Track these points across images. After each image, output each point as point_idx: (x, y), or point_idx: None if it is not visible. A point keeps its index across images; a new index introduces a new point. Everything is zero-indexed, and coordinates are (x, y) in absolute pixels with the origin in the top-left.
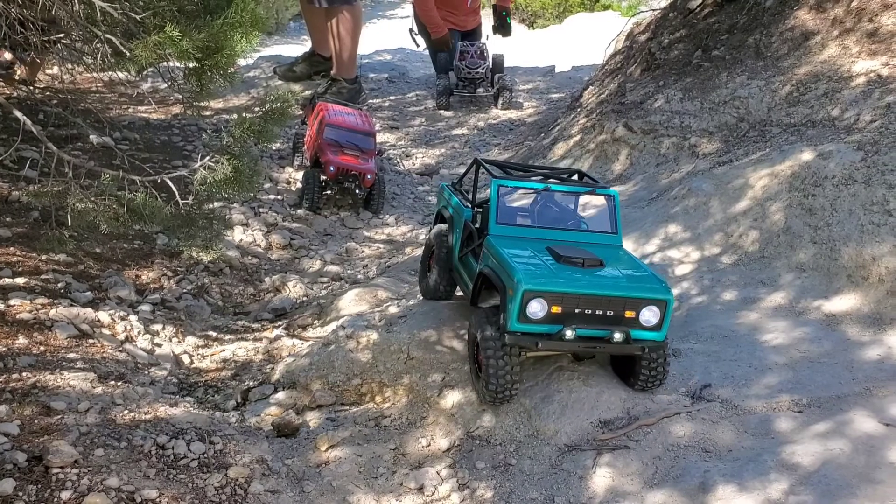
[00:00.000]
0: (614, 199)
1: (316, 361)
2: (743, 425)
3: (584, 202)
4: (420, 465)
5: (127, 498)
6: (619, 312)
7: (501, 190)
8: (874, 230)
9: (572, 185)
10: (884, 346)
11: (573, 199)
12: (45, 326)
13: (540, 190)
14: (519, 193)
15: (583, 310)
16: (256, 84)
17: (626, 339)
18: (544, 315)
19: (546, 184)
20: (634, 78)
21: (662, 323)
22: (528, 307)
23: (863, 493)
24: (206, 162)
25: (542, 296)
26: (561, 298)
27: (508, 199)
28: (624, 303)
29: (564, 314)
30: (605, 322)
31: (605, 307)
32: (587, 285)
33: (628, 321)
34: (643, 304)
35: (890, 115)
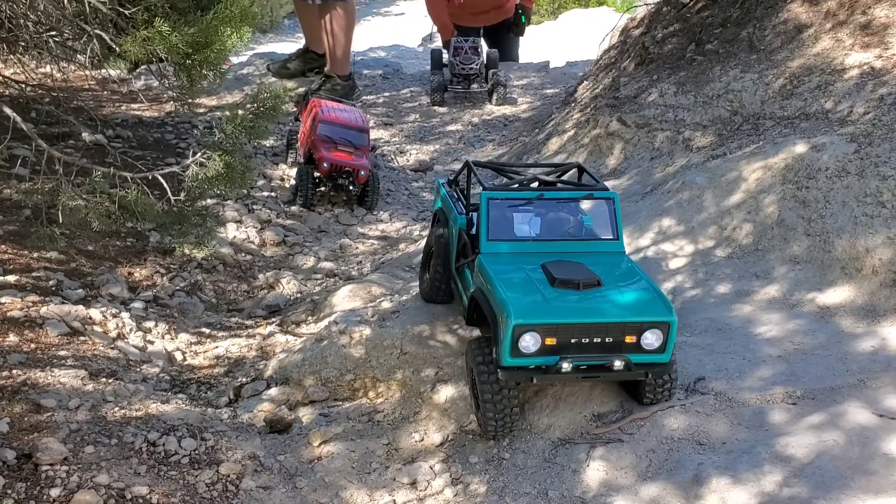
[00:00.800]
0: (614, 202)
1: (309, 357)
2: (737, 418)
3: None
4: (413, 460)
5: (117, 495)
6: (618, 338)
7: (492, 203)
8: (868, 222)
9: (569, 190)
10: (878, 337)
11: (571, 203)
12: (36, 324)
13: (533, 199)
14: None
15: (580, 339)
16: (250, 81)
17: (627, 366)
18: (538, 348)
19: (540, 191)
20: (628, 72)
21: (666, 345)
22: (521, 342)
23: (857, 484)
24: (197, 158)
25: (535, 329)
26: (555, 329)
27: (500, 210)
28: (623, 328)
29: (560, 345)
30: (605, 349)
31: (603, 334)
32: (583, 313)
33: (629, 346)
34: (644, 327)
35: (883, 107)
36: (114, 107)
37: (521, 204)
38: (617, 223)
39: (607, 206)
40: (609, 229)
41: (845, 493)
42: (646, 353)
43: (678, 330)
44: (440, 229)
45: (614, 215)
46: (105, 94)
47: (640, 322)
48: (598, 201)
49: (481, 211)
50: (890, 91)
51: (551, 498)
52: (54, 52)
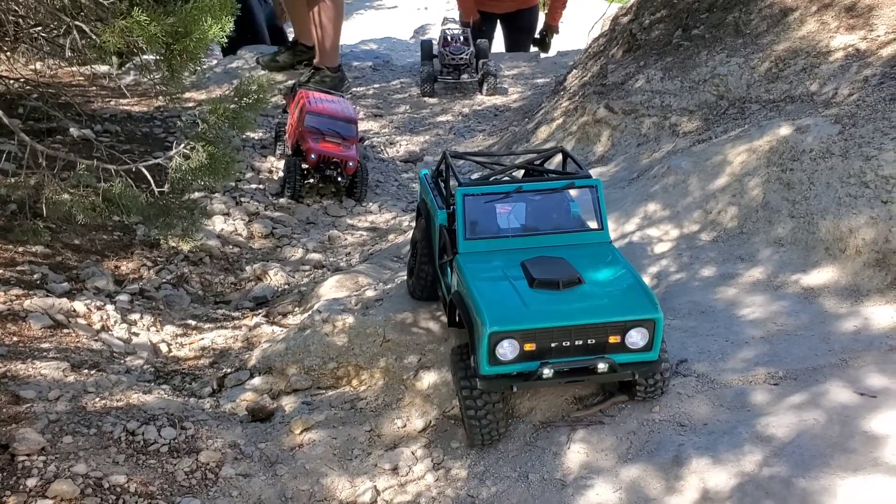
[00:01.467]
0: (597, 190)
1: (292, 346)
2: (718, 399)
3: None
4: (395, 446)
5: (94, 484)
6: (601, 339)
7: (467, 200)
8: (851, 202)
9: (549, 180)
10: (860, 317)
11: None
12: (19, 317)
13: (511, 192)
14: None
15: (560, 342)
16: (239, 75)
17: (612, 368)
18: (517, 355)
19: (518, 183)
20: (616, 59)
21: (653, 343)
22: (498, 349)
23: (836, 462)
24: (181, 149)
25: (512, 335)
26: (534, 335)
27: (477, 206)
28: (606, 329)
29: (540, 350)
30: (587, 351)
31: (584, 336)
32: (563, 315)
33: (613, 347)
34: (628, 326)
35: (867, 89)
36: (102, 102)
37: (500, 197)
38: (601, 212)
39: (591, 194)
40: (593, 219)
41: (824, 472)
42: (631, 352)
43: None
44: (423, 224)
45: (598, 203)
46: (93, 90)
47: (624, 321)
48: (581, 189)
49: (457, 208)
50: (874, 72)
51: (532, 481)
52: (42, 47)
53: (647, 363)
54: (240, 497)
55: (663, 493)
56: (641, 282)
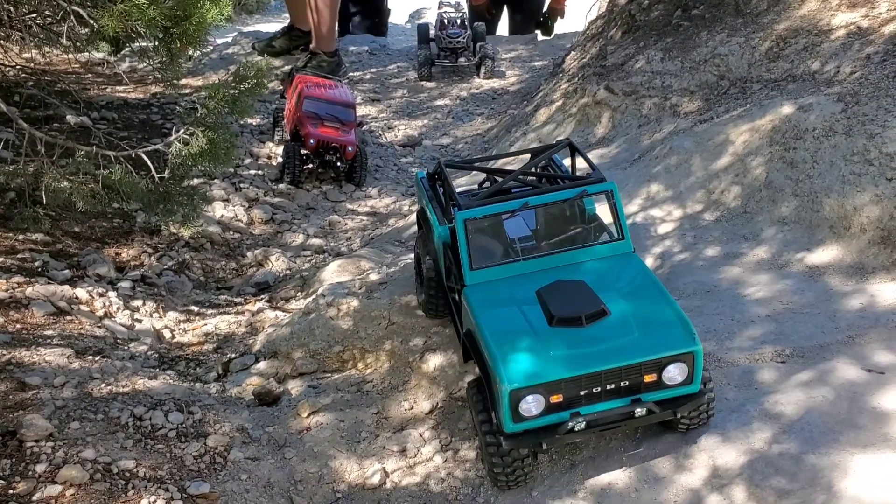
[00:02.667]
0: (613, 194)
1: (297, 330)
2: (726, 377)
3: None
4: (402, 428)
5: (103, 469)
6: (636, 380)
7: (469, 224)
8: (855, 180)
9: (556, 190)
10: (866, 294)
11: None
12: (22, 305)
13: (518, 210)
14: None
15: (590, 389)
16: (236, 60)
17: (650, 411)
18: (542, 409)
19: (524, 199)
20: (615, 40)
21: (693, 375)
22: (521, 406)
23: (845, 438)
24: (180, 135)
25: (536, 390)
26: (560, 386)
27: (480, 229)
28: (640, 368)
29: (568, 400)
30: (622, 394)
31: (617, 379)
32: (590, 360)
33: (649, 385)
34: (664, 363)
35: (870, 66)
36: (98, 89)
37: (506, 216)
38: (620, 218)
39: (606, 200)
40: (612, 226)
41: (834, 448)
42: (670, 388)
43: None
44: (424, 237)
45: (615, 209)
46: (90, 77)
47: (659, 358)
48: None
49: (459, 236)
50: (877, 50)
51: (540, 460)
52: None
53: (689, 397)
54: (249, 480)
55: (673, 471)
56: (673, 304)
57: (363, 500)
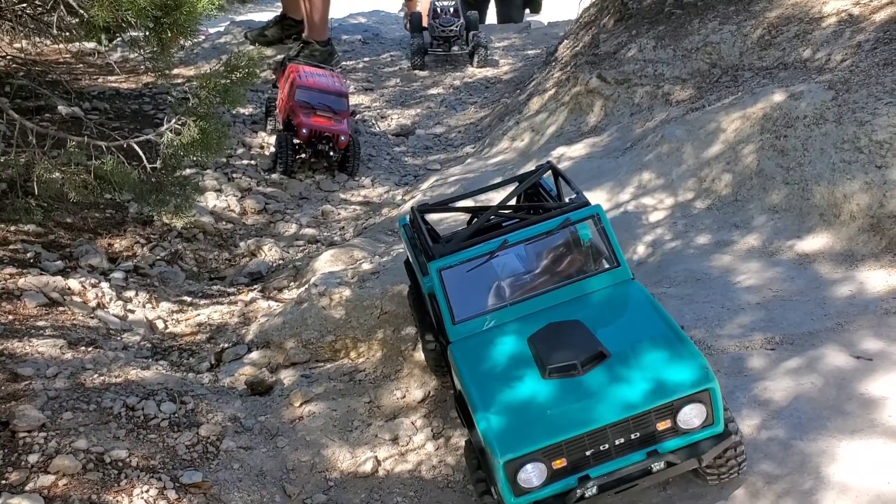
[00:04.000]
0: (600, 218)
1: (289, 320)
2: (716, 365)
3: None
4: (394, 417)
5: (96, 459)
6: (648, 430)
7: (446, 275)
8: (845, 168)
9: (537, 221)
10: (855, 282)
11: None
12: (14, 296)
13: (496, 251)
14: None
15: (597, 447)
16: (228, 50)
17: (670, 463)
18: (545, 478)
19: (502, 237)
20: (608, 29)
21: (714, 415)
22: (520, 477)
23: (833, 424)
24: (172, 125)
25: (534, 457)
26: (561, 449)
27: (460, 278)
28: (651, 416)
29: (573, 463)
30: (635, 447)
31: (626, 432)
32: (592, 414)
33: (666, 434)
34: (678, 405)
35: (861, 54)
36: (90, 79)
37: (485, 258)
38: (612, 243)
39: (594, 225)
40: (605, 251)
41: (822, 434)
42: (690, 433)
43: (658, 282)
44: (415, 297)
45: (605, 234)
46: (81, 67)
47: (671, 402)
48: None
49: (436, 289)
50: (867, 37)
51: None
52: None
53: (714, 439)
54: (241, 469)
55: None
56: (681, 336)
57: (356, 488)
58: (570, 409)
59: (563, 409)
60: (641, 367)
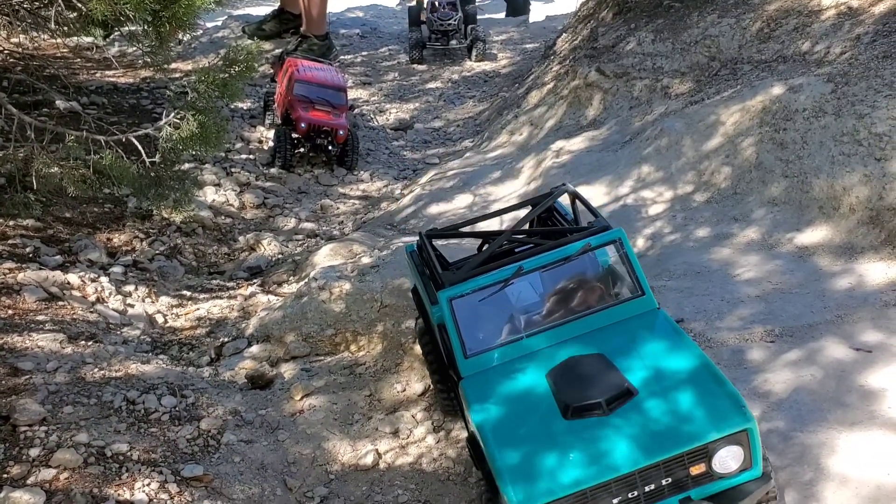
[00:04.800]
0: (623, 244)
1: (289, 314)
2: (716, 357)
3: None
4: (395, 410)
5: (97, 452)
6: (681, 475)
7: (457, 305)
8: (845, 161)
9: (555, 246)
10: (855, 274)
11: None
12: (13, 290)
13: (510, 278)
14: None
15: (625, 494)
16: (225, 44)
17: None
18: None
19: (517, 263)
20: (606, 22)
21: (752, 457)
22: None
23: (833, 416)
24: (171, 119)
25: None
26: (584, 497)
27: (472, 309)
28: (683, 459)
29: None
30: (666, 494)
31: (657, 478)
32: (619, 459)
33: (700, 479)
34: (713, 448)
35: (860, 47)
36: (88, 74)
37: (499, 287)
38: (635, 270)
39: (615, 250)
40: (628, 281)
41: (822, 426)
42: (726, 478)
43: (658, 275)
44: (424, 331)
45: (629, 260)
46: (78, 62)
47: (705, 444)
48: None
49: (446, 320)
50: (866, 30)
51: None
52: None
53: (752, 483)
54: (242, 462)
55: None
56: (713, 370)
57: (357, 481)
58: (594, 454)
59: (587, 453)
60: (672, 406)
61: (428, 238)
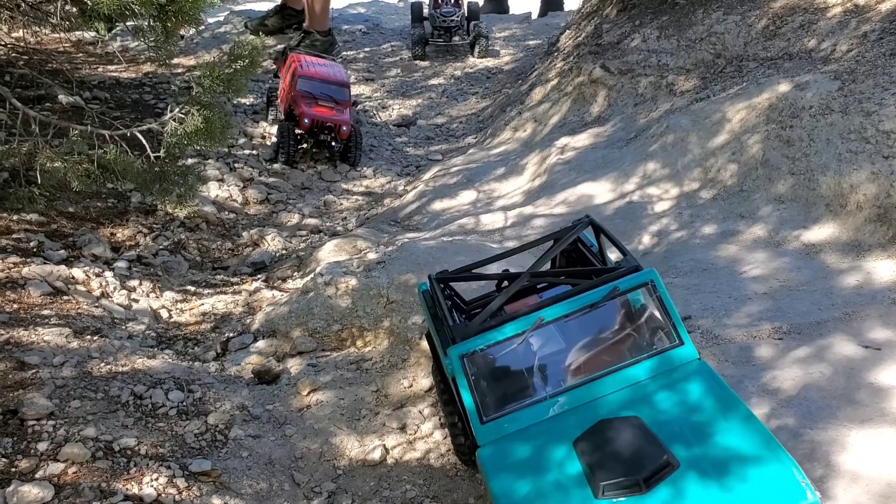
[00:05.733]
0: (655, 285)
1: (295, 309)
2: (723, 354)
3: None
4: (402, 406)
5: (105, 447)
6: None
7: (469, 363)
8: (852, 158)
9: (579, 292)
10: (863, 271)
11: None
12: (18, 285)
13: (529, 331)
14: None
15: None
16: (228, 40)
17: None
18: None
19: (537, 313)
20: (611, 19)
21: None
22: None
23: (843, 413)
24: (175, 114)
25: None
26: None
27: (487, 365)
28: None
29: None
30: None
31: None
32: None
33: None
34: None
35: (867, 44)
36: (90, 68)
37: (519, 341)
38: (671, 316)
39: (649, 294)
40: (663, 329)
41: (832, 423)
42: None
43: (664, 272)
44: (442, 377)
45: (663, 305)
46: (81, 56)
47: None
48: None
49: (459, 380)
50: (873, 28)
51: None
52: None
53: None
54: (250, 457)
55: None
56: (766, 434)
57: (364, 476)
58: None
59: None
60: (721, 481)
61: (438, 282)
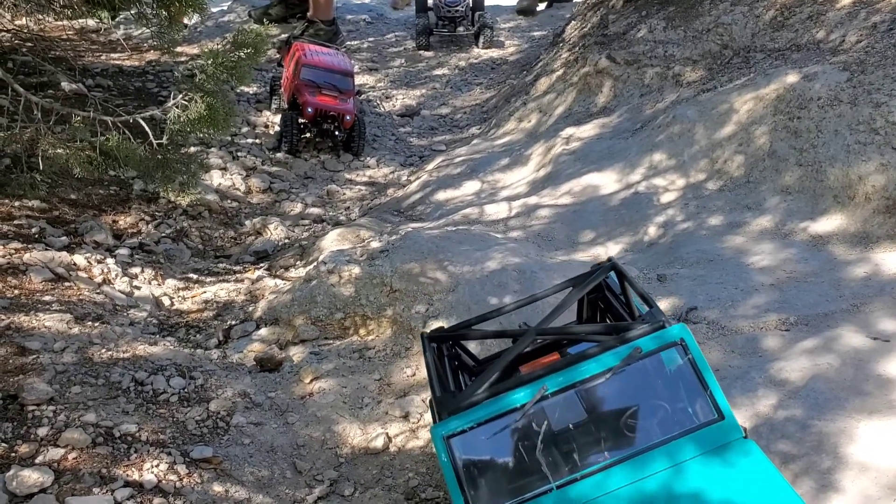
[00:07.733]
0: (687, 347)
1: (298, 297)
2: (730, 345)
3: None
4: (405, 394)
5: (105, 433)
6: None
7: (456, 446)
8: (860, 149)
9: (593, 353)
10: (871, 263)
11: (613, 366)
12: (20, 270)
13: (530, 405)
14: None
15: None
16: (231, 28)
17: None
18: None
19: (540, 381)
20: (617, 9)
21: None
22: None
23: (851, 404)
24: (178, 100)
25: None
26: None
27: (479, 447)
28: None
29: None
30: None
31: None
32: None
33: None
34: None
35: (876, 35)
36: (93, 56)
37: (518, 416)
38: (709, 384)
39: (677, 356)
40: (698, 399)
41: (840, 414)
42: None
43: (670, 263)
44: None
45: (695, 368)
46: (84, 44)
47: None
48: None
49: (444, 467)
50: (883, 18)
51: None
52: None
53: None
54: (252, 444)
55: None
56: None
57: (367, 464)
58: None
59: None
60: None
61: (430, 340)
